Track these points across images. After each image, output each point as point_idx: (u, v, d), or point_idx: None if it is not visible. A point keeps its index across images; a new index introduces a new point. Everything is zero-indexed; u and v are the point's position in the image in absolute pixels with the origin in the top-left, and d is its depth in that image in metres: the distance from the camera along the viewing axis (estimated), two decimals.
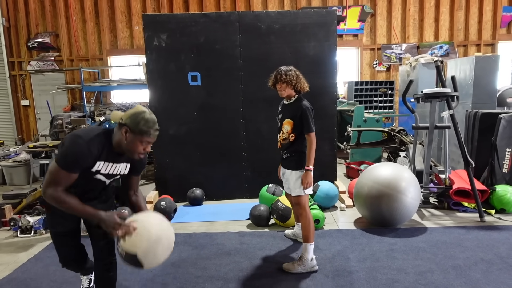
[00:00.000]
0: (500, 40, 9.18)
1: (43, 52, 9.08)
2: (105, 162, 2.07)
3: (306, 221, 2.85)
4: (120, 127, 2.03)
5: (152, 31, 4.49)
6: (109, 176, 2.16)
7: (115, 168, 2.15)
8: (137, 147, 2.04)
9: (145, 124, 2.00)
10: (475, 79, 4.88)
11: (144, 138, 2.02)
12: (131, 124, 2.00)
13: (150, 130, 2.02)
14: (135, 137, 2.01)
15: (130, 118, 2.01)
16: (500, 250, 3.13)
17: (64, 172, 1.95)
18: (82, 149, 1.96)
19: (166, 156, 4.68)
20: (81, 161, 1.97)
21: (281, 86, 2.85)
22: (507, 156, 4.24)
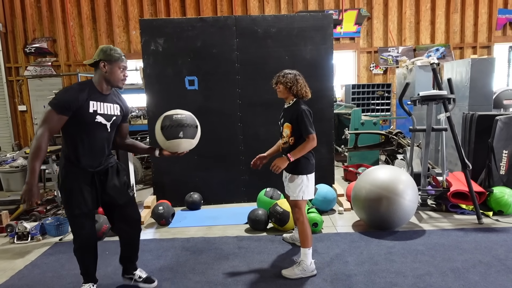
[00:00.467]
0: (496, 42, 9.23)
1: (40, 58, 9.08)
2: (97, 102, 2.38)
3: (303, 226, 2.84)
4: (97, 65, 2.38)
5: (149, 36, 4.50)
6: (107, 117, 2.43)
7: (108, 108, 2.44)
8: (118, 74, 2.40)
9: (115, 52, 2.39)
10: (471, 82, 4.91)
11: (120, 63, 2.39)
12: (105, 56, 2.36)
13: (121, 55, 2.41)
14: (113, 66, 2.37)
15: (101, 53, 2.37)
16: (498, 252, 3.13)
17: (55, 114, 2.25)
18: (72, 92, 2.31)
19: (163, 161, 4.64)
20: (71, 103, 2.27)
21: (278, 87, 2.90)
22: (504, 158, 4.26)
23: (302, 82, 2.87)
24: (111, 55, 2.36)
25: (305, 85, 2.89)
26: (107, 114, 2.43)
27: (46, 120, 2.25)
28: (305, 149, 2.78)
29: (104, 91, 2.43)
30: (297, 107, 2.84)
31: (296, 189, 2.84)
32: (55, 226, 3.88)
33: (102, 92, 2.42)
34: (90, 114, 2.34)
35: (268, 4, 8.99)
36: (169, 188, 4.69)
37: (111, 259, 3.26)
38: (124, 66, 2.43)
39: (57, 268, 3.16)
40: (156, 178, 4.73)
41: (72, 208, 2.42)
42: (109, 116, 2.45)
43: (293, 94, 2.87)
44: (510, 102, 5.24)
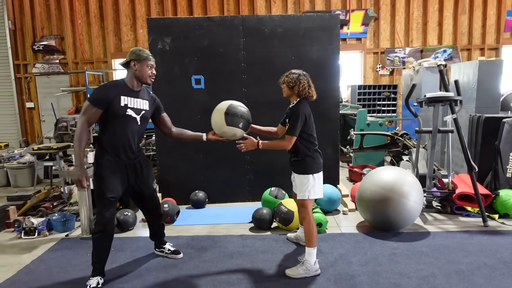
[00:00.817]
0: (504, 44, 9.16)
1: (48, 55, 9.16)
2: (127, 97, 2.71)
3: (309, 226, 2.85)
4: (128, 65, 2.73)
5: (156, 35, 4.53)
6: (137, 111, 2.76)
7: (137, 103, 2.77)
8: (146, 71, 2.74)
9: (144, 52, 2.75)
10: (478, 84, 4.88)
11: (148, 62, 2.73)
12: (134, 56, 2.72)
13: (149, 55, 2.76)
14: (142, 64, 2.72)
15: (131, 54, 2.74)
16: (503, 255, 3.12)
17: (92, 106, 2.61)
18: (105, 88, 2.71)
19: (169, 159, 4.70)
20: (105, 97, 2.62)
21: (283, 85, 2.93)
22: (510, 160, 4.23)
23: (305, 83, 2.85)
24: (140, 55, 2.72)
25: (309, 86, 2.87)
26: (136, 108, 2.76)
27: (85, 112, 2.62)
28: (276, 145, 2.86)
29: (135, 87, 2.77)
30: (296, 107, 2.85)
31: (302, 188, 2.86)
32: (61, 222, 3.92)
33: (133, 89, 2.76)
34: (121, 107, 2.67)
35: (275, 4, 8.99)
36: (174, 186, 4.72)
37: (117, 255, 3.29)
38: (151, 64, 2.76)
39: (63, 263, 3.19)
40: (161, 176, 4.76)
41: (105, 192, 2.70)
42: (138, 110, 2.77)
43: (296, 94, 2.87)
44: None
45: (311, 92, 2.88)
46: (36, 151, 5.27)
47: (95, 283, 2.73)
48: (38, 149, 5.26)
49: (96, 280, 2.75)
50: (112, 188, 2.73)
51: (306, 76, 2.90)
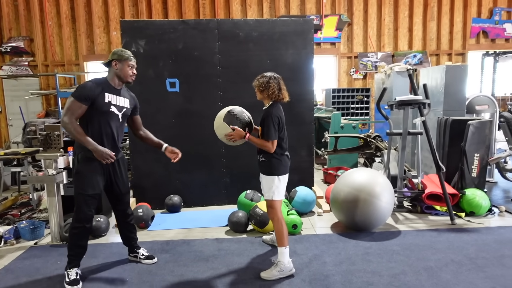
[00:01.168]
0: (470, 50, 9.59)
1: (16, 57, 8.85)
2: (111, 94, 2.83)
3: (278, 225, 2.88)
4: (109, 64, 2.86)
5: (130, 37, 4.47)
6: (119, 108, 2.88)
7: (120, 100, 2.90)
8: (127, 70, 2.86)
9: (125, 53, 2.87)
10: (445, 87, 5.08)
11: (128, 62, 2.86)
12: (116, 56, 2.84)
13: (130, 56, 2.88)
14: (123, 64, 2.84)
15: (113, 54, 2.86)
16: (469, 251, 3.25)
17: (77, 102, 2.70)
18: (90, 85, 2.77)
19: (143, 163, 4.63)
20: (90, 92, 2.72)
21: (261, 93, 2.93)
22: (475, 161, 4.42)
23: (275, 86, 2.86)
24: (121, 55, 2.85)
25: (280, 89, 2.87)
26: (119, 105, 2.89)
27: (70, 109, 2.69)
28: (260, 144, 2.86)
29: (117, 86, 2.89)
30: (268, 110, 2.88)
31: (268, 189, 2.89)
32: (30, 229, 3.78)
33: (115, 87, 2.88)
34: (105, 103, 2.79)
35: (251, 8, 9.06)
36: (149, 191, 4.65)
37: (89, 262, 3.21)
38: (132, 64, 2.89)
39: (32, 272, 3.08)
40: (135, 181, 4.68)
41: (87, 188, 2.78)
42: (120, 108, 2.90)
43: (267, 97, 2.90)
44: (482, 107, 5.44)
45: (281, 95, 2.89)
46: (3, 156, 5.07)
47: (74, 274, 2.82)
48: (5, 154, 5.05)
49: (74, 271, 2.83)
50: (94, 185, 2.80)
51: (277, 79, 2.91)
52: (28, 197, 4.91)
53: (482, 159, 4.43)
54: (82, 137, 2.69)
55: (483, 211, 4.09)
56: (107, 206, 4.44)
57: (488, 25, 9.56)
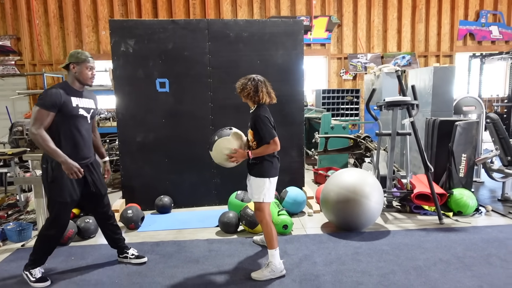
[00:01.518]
0: (457, 52, 9.74)
1: (2, 56, 8.70)
2: (76, 97, 2.78)
3: (267, 228, 2.86)
4: (68, 67, 2.78)
5: (119, 37, 4.43)
6: (87, 110, 2.85)
7: (86, 102, 2.86)
8: (86, 73, 2.80)
9: (82, 54, 2.79)
10: (433, 88, 5.15)
11: (86, 64, 2.79)
12: (73, 59, 2.77)
13: (88, 57, 2.81)
14: (81, 66, 2.77)
15: (70, 57, 2.79)
16: (457, 250, 3.30)
17: (44, 111, 2.62)
18: (55, 91, 2.68)
19: (133, 164, 4.60)
20: (57, 98, 2.65)
21: (240, 95, 2.94)
22: (463, 161, 4.49)
23: (251, 88, 2.81)
24: (78, 57, 2.77)
25: (256, 91, 2.82)
26: (86, 107, 2.85)
27: (37, 118, 2.61)
28: (266, 151, 2.83)
29: (78, 88, 2.83)
30: (255, 113, 2.87)
31: (258, 191, 2.87)
32: (17, 231, 3.72)
33: (77, 90, 2.83)
34: (73, 107, 2.74)
35: (241, 8, 9.06)
36: (139, 192, 4.62)
37: (78, 264, 3.17)
38: (91, 66, 2.82)
39: (19, 275, 3.02)
40: (125, 181, 4.64)
41: (65, 196, 2.73)
42: (88, 109, 2.87)
43: (248, 99, 2.90)
44: (469, 108, 5.53)
45: (263, 97, 2.84)
46: None
47: (39, 272, 2.86)
48: None
49: (38, 270, 2.87)
50: (71, 192, 2.76)
51: (256, 81, 2.85)
52: (15, 199, 4.83)
53: (469, 159, 4.51)
54: (51, 148, 2.61)
55: (470, 210, 4.16)
56: None
57: (475, 27, 9.72)
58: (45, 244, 2.83)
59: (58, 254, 3.34)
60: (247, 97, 2.88)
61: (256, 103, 2.90)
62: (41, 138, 2.59)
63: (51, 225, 2.79)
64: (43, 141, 2.59)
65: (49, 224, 2.79)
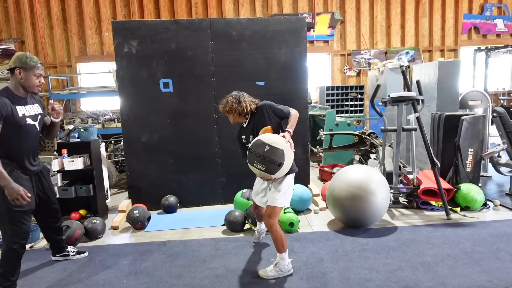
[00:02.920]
0: (462, 46, 9.65)
1: (7, 59, 8.75)
2: (21, 106, 2.58)
3: (277, 234, 2.78)
4: (13, 71, 2.53)
5: (122, 38, 4.44)
6: (34, 117, 2.66)
7: (31, 109, 2.67)
8: (33, 80, 2.57)
9: (31, 60, 2.54)
10: (438, 83, 5.11)
11: (35, 71, 2.55)
12: (20, 64, 2.51)
13: (37, 63, 2.56)
14: (28, 73, 2.53)
15: (17, 60, 2.52)
16: (465, 245, 3.28)
17: None
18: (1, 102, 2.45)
19: (139, 164, 4.61)
20: (2, 110, 2.44)
21: (230, 117, 2.97)
22: (469, 156, 4.45)
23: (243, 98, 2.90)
24: (26, 63, 2.53)
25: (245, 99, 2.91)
26: (33, 114, 2.68)
27: None
28: (295, 120, 2.87)
29: (22, 95, 2.62)
30: (259, 111, 2.90)
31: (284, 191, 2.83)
32: None
33: (22, 97, 2.62)
34: (20, 118, 2.56)
35: (243, 7, 9.04)
36: (145, 192, 4.63)
37: (85, 265, 3.19)
38: (39, 73, 2.60)
39: (28, 276, 3.06)
40: (131, 182, 4.66)
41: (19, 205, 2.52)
42: (35, 116, 2.70)
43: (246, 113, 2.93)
44: (475, 102, 5.48)
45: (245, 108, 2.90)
46: None
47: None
48: None
49: None
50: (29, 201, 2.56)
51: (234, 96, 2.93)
52: None
53: (476, 154, 4.47)
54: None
55: (478, 205, 4.12)
56: (103, 208, 4.42)
57: (479, 20, 9.63)
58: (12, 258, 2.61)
59: None
60: (247, 107, 2.88)
61: (247, 114, 2.94)
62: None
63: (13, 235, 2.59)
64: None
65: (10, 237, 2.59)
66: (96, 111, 7.32)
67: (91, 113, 7.06)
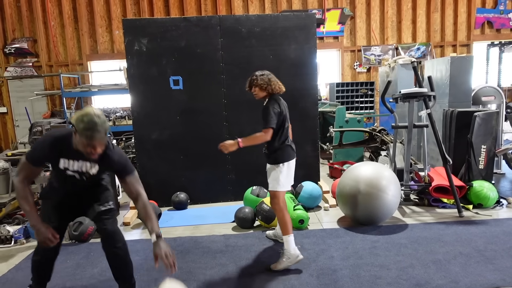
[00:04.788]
0: (475, 41, 9.48)
1: (20, 58, 8.90)
2: (69, 159, 2.31)
3: (280, 214, 2.94)
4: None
5: (132, 36, 4.47)
6: (79, 173, 2.36)
7: (80, 166, 2.34)
8: (84, 147, 2.16)
9: (83, 129, 2.08)
10: (451, 79, 5.04)
11: (85, 141, 2.11)
12: (76, 126, 2.12)
13: (89, 133, 2.08)
14: (80, 139, 2.13)
15: (75, 120, 2.12)
16: (477, 243, 3.24)
17: (28, 164, 2.27)
18: (44, 149, 2.26)
19: (149, 161, 4.65)
20: (42, 158, 2.31)
21: (254, 89, 3.00)
22: (482, 152, 4.39)
23: (275, 80, 2.98)
24: (80, 129, 2.10)
25: (277, 81, 2.99)
26: (79, 171, 2.36)
27: (22, 170, 2.29)
28: (255, 140, 2.90)
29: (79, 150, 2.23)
30: (267, 104, 2.95)
31: (273, 178, 2.94)
32: None
33: (76, 151, 2.24)
34: (60, 169, 2.34)
35: (252, 3, 9.02)
36: (155, 189, 4.67)
37: (97, 260, 3.24)
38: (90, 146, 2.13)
39: None
40: (142, 179, 4.63)
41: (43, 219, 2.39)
42: (81, 173, 2.37)
43: (268, 93, 2.96)
44: (488, 98, 5.39)
45: (281, 86, 2.99)
46: (11, 157, 5.11)
47: None
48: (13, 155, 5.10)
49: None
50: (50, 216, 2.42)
51: (264, 73, 2.99)
52: (37, 197, 4.95)
53: (489, 150, 4.40)
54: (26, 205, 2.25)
55: (491, 203, 4.07)
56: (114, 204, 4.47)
57: (493, 15, 9.44)
58: (33, 267, 2.54)
59: (78, 251, 3.42)
60: (274, 89, 2.93)
61: (269, 94, 2.96)
62: (20, 193, 2.27)
63: (35, 249, 2.51)
64: (20, 195, 2.28)
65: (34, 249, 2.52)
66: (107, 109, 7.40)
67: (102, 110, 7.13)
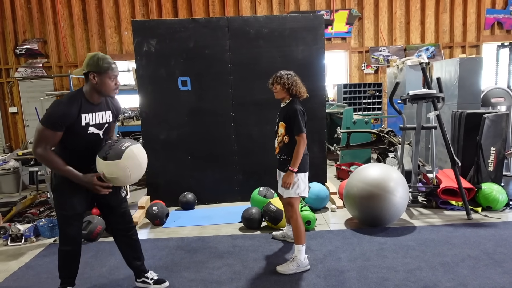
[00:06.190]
0: (484, 42, 9.38)
1: (31, 59, 9.01)
2: (89, 113, 2.35)
3: (296, 223, 2.90)
4: (87, 76, 2.31)
5: (141, 37, 4.51)
6: (99, 126, 2.43)
7: (100, 117, 2.43)
8: (109, 84, 2.33)
9: (104, 61, 2.29)
10: (460, 80, 4.99)
11: (110, 73, 2.31)
12: (94, 67, 2.28)
13: (111, 64, 2.32)
14: (103, 77, 2.30)
15: (89, 64, 2.29)
16: (486, 246, 3.21)
17: (49, 131, 2.24)
18: (62, 108, 2.26)
19: (157, 161, 4.68)
20: (64, 119, 2.25)
21: (275, 87, 2.97)
22: (492, 154, 4.35)
23: (300, 82, 2.96)
24: (99, 65, 2.28)
25: (302, 85, 2.97)
26: (99, 123, 2.43)
27: (42, 139, 2.24)
28: (299, 153, 2.84)
29: (96, 101, 2.39)
30: (291, 106, 2.91)
31: (297, 185, 2.89)
32: (48, 227, 3.87)
33: (94, 103, 2.38)
34: (82, 127, 2.34)
35: (260, 4, 9.03)
36: (163, 189, 4.71)
37: (106, 259, 3.27)
38: (114, 75, 2.35)
39: (52, 269, 3.15)
40: (150, 179, 4.74)
41: (67, 208, 2.43)
42: (101, 125, 2.45)
43: (290, 94, 2.93)
44: (498, 100, 5.33)
45: (304, 91, 2.97)
46: (21, 156, 5.18)
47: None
48: (23, 155, 5.17)
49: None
50: (74, 205, 2.43)
51: (292, 75, 2.98)
52: (46, 196, 5.02)
53: (499, 152, 4.36)
54: (63, 170, 2.28)
55: (500, 205, 4.03)
56: None
57: (503, 15, 9.33)
58: (61, 261, 2.55)
59: (87, 250, 3.46)
60: (298, 91, 2.91)
61: (291, 97, 2.94)
62: (50, 160, 2.27)
63: (60, 239, 2.53)
64: (52, 163, 2.28)
65: (60, 239, 2.53)
66: None
67: None
